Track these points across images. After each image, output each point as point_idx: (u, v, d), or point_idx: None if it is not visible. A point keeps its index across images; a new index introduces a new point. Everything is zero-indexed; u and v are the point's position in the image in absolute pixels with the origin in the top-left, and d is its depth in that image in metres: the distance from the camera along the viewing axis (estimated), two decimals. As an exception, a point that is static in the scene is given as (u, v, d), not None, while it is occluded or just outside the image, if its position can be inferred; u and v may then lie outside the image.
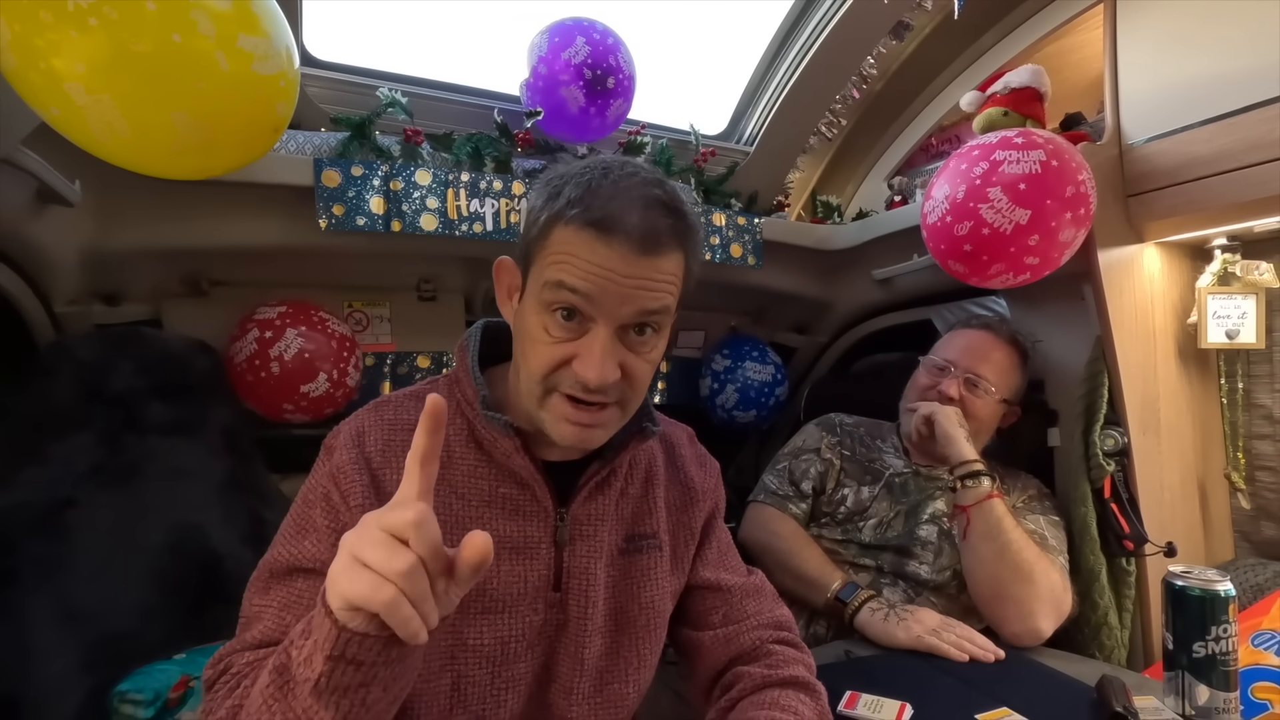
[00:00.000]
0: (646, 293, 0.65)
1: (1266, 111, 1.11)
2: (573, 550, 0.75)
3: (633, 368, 0.67)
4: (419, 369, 1.58)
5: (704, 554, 0.87)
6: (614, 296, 0.63)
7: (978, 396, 1.30)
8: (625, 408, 0.70)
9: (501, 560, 0.71)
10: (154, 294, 1.33)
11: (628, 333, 0.66)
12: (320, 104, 1.34)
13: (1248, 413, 1.44)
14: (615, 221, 0.63)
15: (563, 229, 0.64)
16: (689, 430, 0.93)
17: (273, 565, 0.68)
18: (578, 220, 0.63)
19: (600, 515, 0.77)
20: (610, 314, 0.64)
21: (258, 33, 0.88)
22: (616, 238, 0.63)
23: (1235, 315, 1.34)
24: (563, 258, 0.64)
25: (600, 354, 0.64)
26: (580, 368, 0.64)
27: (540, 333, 0.66)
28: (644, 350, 0.68)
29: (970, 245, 1.19)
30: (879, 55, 1.71)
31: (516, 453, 0.71)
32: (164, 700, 0.95)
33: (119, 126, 0.83)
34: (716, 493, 0.91)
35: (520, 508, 0.73)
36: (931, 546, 1.27)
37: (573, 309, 0.64)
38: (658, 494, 0.83)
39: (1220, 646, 0.88)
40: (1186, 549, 1.34)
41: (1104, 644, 1.25)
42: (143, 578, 1.09)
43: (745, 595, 0.86)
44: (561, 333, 0.65)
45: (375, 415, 0.73)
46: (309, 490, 0.71)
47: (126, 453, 1.15)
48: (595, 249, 0.63)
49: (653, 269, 0.65)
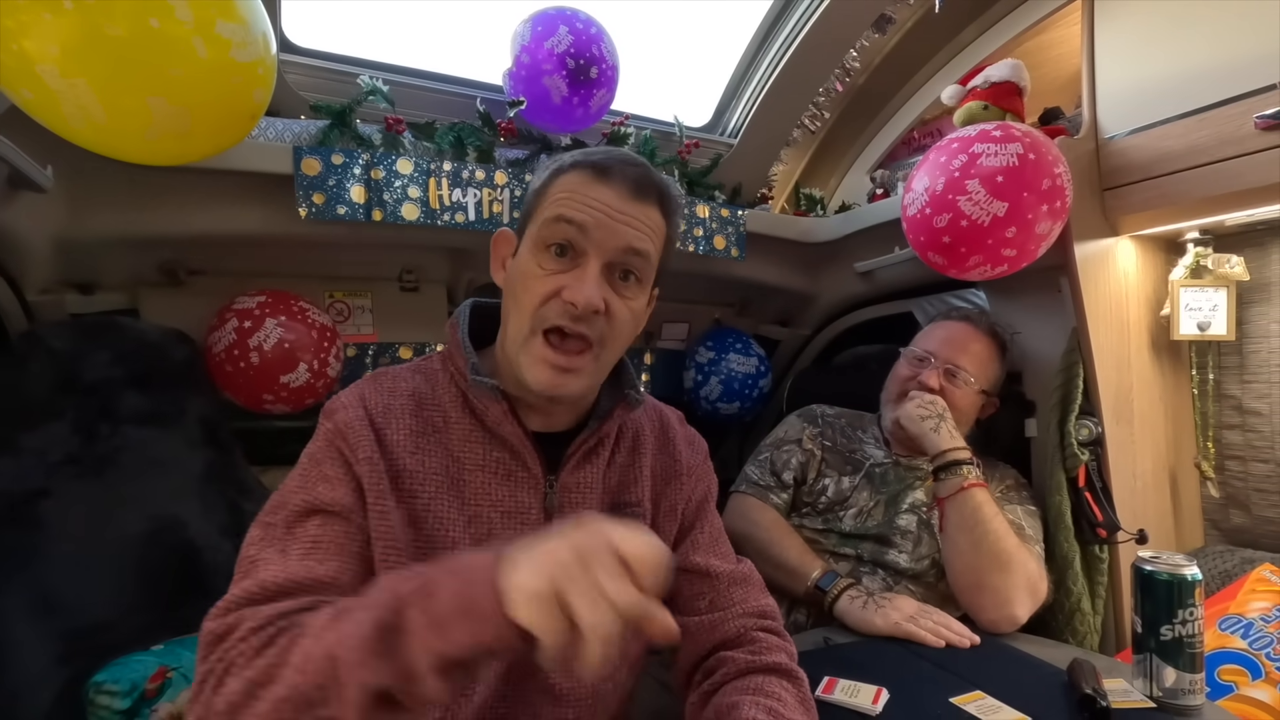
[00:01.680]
0: (634, 231, 0.72)
1: (1237, 107, 1.13)
2: (562, 517, 0.76)
3: (615, 307, 0.72)
4: (401, 360, 1.57)
5: (695, 538, 0.88)
6: (605, 229, 0.71)
7: (957, 387, 1.31)
8: (602, 355, 0.74)
9: (494, 524, 0.74)
10: (130, 283, 1.31)
11: (613, 273, 0.73)
12: (300, 91, 1.32)
13: (1218, 403, 1.48)
14: (611, 167, 0.73)
15: (564, 176, 0.74)
16: (679, 413, 0.96)
17: (286, 508, 0.67)
18: (579, 166, 0.73)
19: (589, 484, 0.79)
20: (600, 246, 0.71)
21: (235, 19, 0.87)
22: (613, 179, 0.72)
23: (1207, 307, 1.37)
24: (563, 195, 0.72)
25: (590, 279, 0.70)
26: (570, 292, 0.70)
27: (534, 268, 0.72)
28: (627, 295, 0.74)
29: (949, 237, 1.20)
30: (862, 48, 1.72)
31: (506, 419, 0.74)
32: (141, 691, 0.95)
33: (94, 111, 0.82)
34: (707, 475, 0.92)
35: (512, 473, 0.75)
36: (910, 536, 1.28)
37: (567, 243, 0.71)
38: (644, 463, 0.85)
39: (1187, 629, 0.90)
40: (1158, 537, 1.37)
41: (1077, 629, 1.27)
42: (119, 569, 1.07)
43: (733, 583, 0.87)
44: (555, 265, 0.72)
45: (374, 384, 0.77)
46: (313, 451, 0.72)
47: (102, 443, 1.13)
48: (592, 186, 0.72)
49: (641, 213, 0.73)
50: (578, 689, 0.77)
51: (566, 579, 0.47)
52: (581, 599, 0.46)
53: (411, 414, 0.74)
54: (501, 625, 0.48)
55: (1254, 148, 1.11)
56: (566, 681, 0.77)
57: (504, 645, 0.49)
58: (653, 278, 0.78)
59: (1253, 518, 1.43)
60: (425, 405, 0.76)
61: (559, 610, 0.47)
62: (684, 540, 0.87)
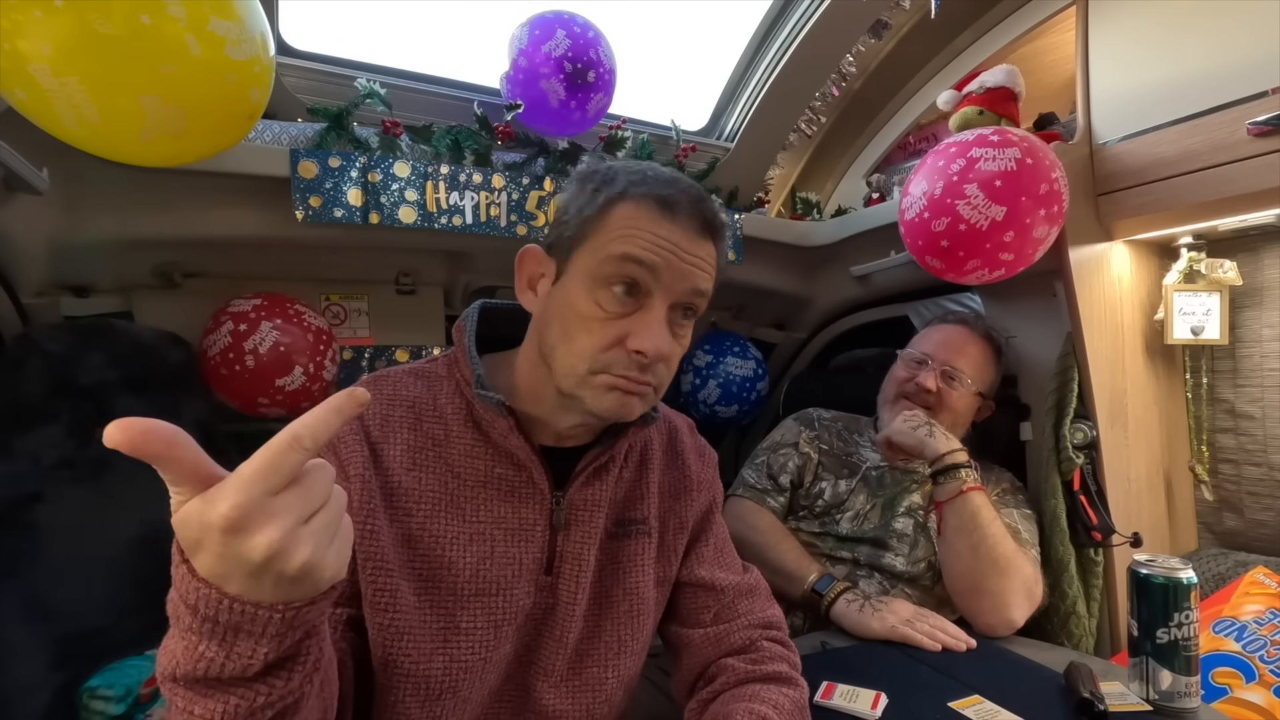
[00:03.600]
0: (700, 272, 0.69)
1: (1229, 114, 1.14)
2: (568, 535, 0.75)
3: (673, 351, 0.70)
4: (397, 363, 1.57)
5: (700, 551, 0.86)
6: (675, 272, 0.67)
7: (954, 389, 1.32)
8: (658, 390, 0.71)
9: (496, 542, 0.71)
10: (125, 285, 1.30)
11: (675, 313, 0.69)
12: (297, 94, 1.32)
13: (1211, 407, 1.48)
14: (678, 201, 0.68)
15: (626, 205, 0.68)
16: (689, 421, 0.94)
17: None
18: (646, 197, 0.68)
19: (597, 501, 0.77)
20: (669, 288, 0.67)
21: (230, 17, 0.86)
22: (680, 216, 0.67)
23: (1200, 312, 1.38)
24: (628, 231, 0.66)
25: (658, 326, 0.67)
26: (637, 340, 0.66)
27: (593, 309, 0.67)
28: (680, 335, 0.71)
29: (947, 241, 1.21)
30: (858, 53, 1.73)
31: (512, 433, 0.71)
32: (135, 696, 0.94)
33: (87, 111, 0.81)
34: (714, 486, 0.91)
35: (516, 489, 0.73)
36: (907, 539, 1.29)
37: (634, 283, 0.67)
38: (651, 479, 0.83)
39: (1183, 633, 0.91)
40: (1152, 540, 1.38)
41: (1073, 632, 1.28)
42: (114, 573, 1.07)
43: (739, 594, 0.86)
44: (618, 307, 0.67)
45: (374, 390, 0.73)
46: None
47: (96, 446, 1.12)
48: (661, 224, 0.67)
49: (706, 252, 0.70)
50: (571, 710, 0.76)
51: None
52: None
53: (410, 427, 0.71)
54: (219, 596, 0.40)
55: (1247, 153, 1.12)
56: (560, 702, 0.76)
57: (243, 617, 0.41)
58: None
59: (1246, 521, 1.44)
60: (426, 416, 0.73)
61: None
62: (690, 553, 0.86)
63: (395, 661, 0.66)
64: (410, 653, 0.67)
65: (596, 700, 0.78)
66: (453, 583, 0.69)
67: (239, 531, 0.38)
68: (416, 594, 0.68)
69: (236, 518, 0.38)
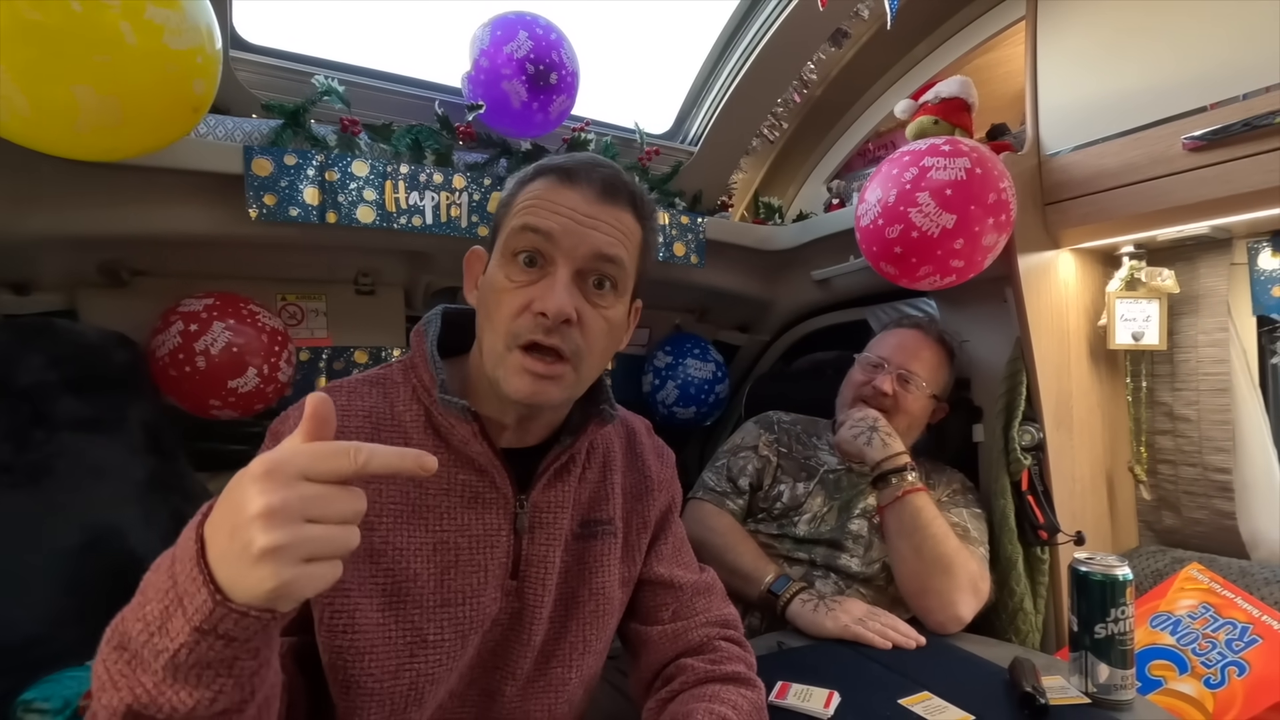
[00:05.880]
0: (603, 235, 0.69)
1: (1167, 128, 1.19)
2: (532, 538, 0.75)
3: (589, 319, 0.70)
4: (356, 364, 1.55)
5: (659, 549, 0.87)
6: (573, 235, 0.68)
7: (909, 392, 1.35)
8: (580, 367, 0.70)
9: (461, 550, 0.71)
10: (68, 283, 1.26)
11: (586, 281, 0.70)
12: (252, 89, 1.29)
13: (1151, 410, 1.55)
14: (577, 170, 0.71)
15: (530, 184, 0.72)
16: (647, 422, 0.95)
17: None
18: (545, 173, 0.72)
19: (560, 503, 0.77)
20: (569, 252, 0.68)
21: (169, 4, 0.84)
22: (579, 182, 0.70)
23: (1140, 318, 1.43)
24: (529, 203, 0.70)
25: (559, 287, 0.67)
26: (539, 303, 0.67)
27: (504, 281, 0.69)
28: (601, 305, 0.71)
29: (900, 248, 1.23)
30: (819, 61, 1.76)
31: (474, 438, 0.70)
32: (74, 708, 0.91)
33: (16, 101, 0.78)
34: (673, 486, 0.92)
35: (479, 495, 0.72)
36: (862, 540, 1.31)
37: (534, 252, 0.69)
38: (615, 480, 0.83)
39: (1119, 627, 0.94)
40: (1095, 538, 1.43)
41: (1020, 628, 1.32)
42: (52, 581, 1.03)
43: (696, 593, 0.87)
44: (524, 276, 0.69)
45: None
46: None
47: (35, 450, 1.08)
48: (558, 192, 0.70)
49: (611, 215, 0.71)
50: (534, 710, 0.77)
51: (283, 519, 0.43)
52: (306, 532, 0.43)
53: (368, 438, 0.69)
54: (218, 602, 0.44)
55: (1182, 167, 1.17)
56: (523, 703, 0.76)
57: (233, 625, 0.44)
58: (631, 286, 0.75)
59: (1183, 519, 1.50)
60: (384, 426, 0.71)
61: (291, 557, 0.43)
62: (650, 551, 0.87)
63: (357, 682, 0.66)
64: (373, 671, 0.66)
65: (559, 700, 0.78)
66: (418, 595, 0.69)
67: (269, 478, 0.43)
68: (380, 610, 0.67)
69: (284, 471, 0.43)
